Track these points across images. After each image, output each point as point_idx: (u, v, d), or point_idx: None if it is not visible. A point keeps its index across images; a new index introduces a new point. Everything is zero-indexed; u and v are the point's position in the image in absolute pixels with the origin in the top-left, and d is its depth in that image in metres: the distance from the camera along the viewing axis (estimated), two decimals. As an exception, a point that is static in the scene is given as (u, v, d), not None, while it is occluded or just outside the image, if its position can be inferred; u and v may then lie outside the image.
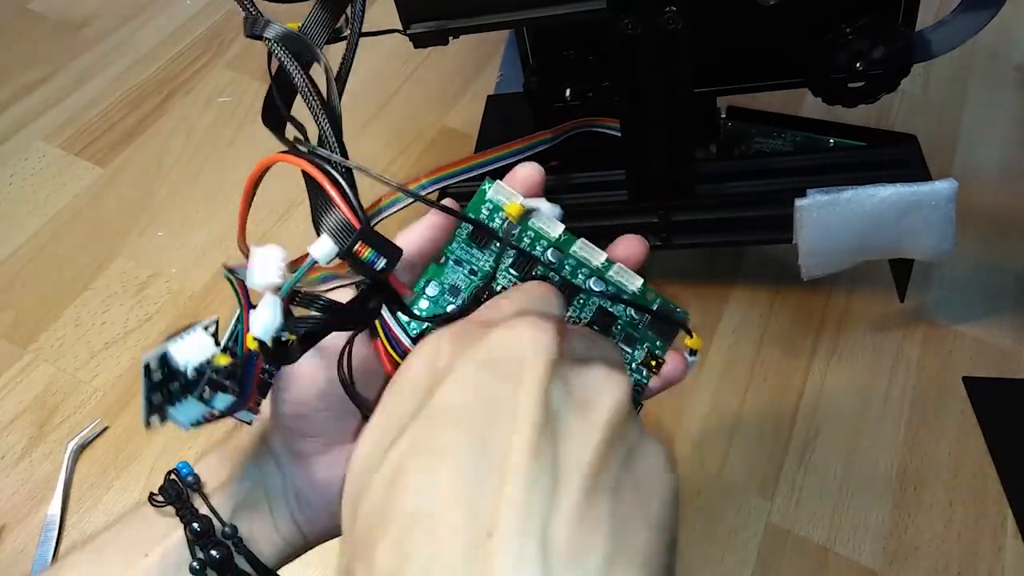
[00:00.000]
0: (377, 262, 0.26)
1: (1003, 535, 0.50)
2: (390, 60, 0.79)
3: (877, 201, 0.48)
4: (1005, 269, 0.61)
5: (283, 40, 0.28)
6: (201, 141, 0.74)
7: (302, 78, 0.28)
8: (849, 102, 0.51)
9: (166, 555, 0.29)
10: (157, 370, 0.25)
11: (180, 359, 0.25)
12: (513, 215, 0.30)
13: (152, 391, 0.25)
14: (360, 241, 0.26)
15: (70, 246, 0.67)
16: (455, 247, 0.30)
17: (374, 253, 0.26)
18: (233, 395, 0.25)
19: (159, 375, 0.25)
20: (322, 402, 0.30)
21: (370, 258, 0.26)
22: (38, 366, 0.60)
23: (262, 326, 0.25)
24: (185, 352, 0.25)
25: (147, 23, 0.84)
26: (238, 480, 0.31)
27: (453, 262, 0.30)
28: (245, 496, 0.31)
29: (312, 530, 0.32)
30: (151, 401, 0.25)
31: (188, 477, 0.31)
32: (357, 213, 0.26)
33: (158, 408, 0.25)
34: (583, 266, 0.30)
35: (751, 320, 0.60)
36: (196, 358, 0.25)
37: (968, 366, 0.57)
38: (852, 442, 0.54)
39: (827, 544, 0.50)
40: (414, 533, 0.20)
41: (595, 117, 0.53)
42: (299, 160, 0.26)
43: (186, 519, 0.30)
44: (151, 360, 0.25)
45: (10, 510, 0.53)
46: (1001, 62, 0.74)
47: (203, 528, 0.29)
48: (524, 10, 0.43)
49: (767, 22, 0.49)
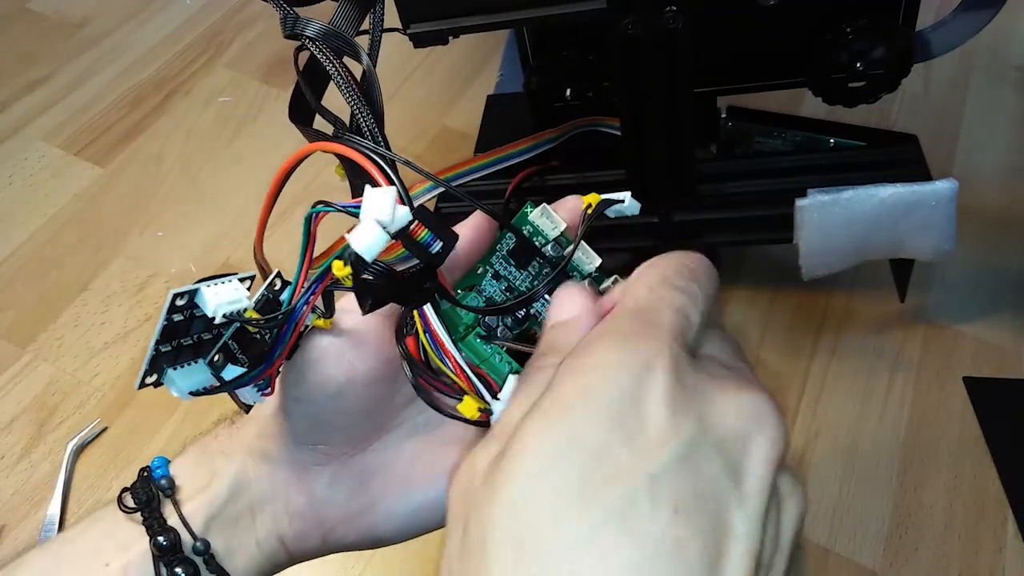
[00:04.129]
0: (433, 244, 0.25)
1: (1003, 535, 0.50)
2: (390, 60, 0.79)
3: (877, 201, 0.48)
4: (1005, 269, 0.61)
5: (323, 38, 0.28)
6: (201, 141, 0.73)
7: (344, 75, 0.27)
8: (849, 102, 0.51)
9: (128, 568, 0.27)
10: (180, 311, 0.24)
11: (211, 302, 0.24)
12: (592, 203, 0.28)
13: (164, 338, 0.24)
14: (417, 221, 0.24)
15: (69, 246, 0.67)
16: (495, 261, 0.29)
17: (430, 235, 0.25)
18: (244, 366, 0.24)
19: (180, 317, 0.24)
20: (337, 402, 0.28)
21: (426, 239, 0.25)
22: (37, 366, 0.60)
23: (365, 244, 0.23)
24: (218, 296, 0.24)
25: (146, 23, 0.84)
26: (218, 487, 0.29)
27: (492, 276, 0.29)
28: (224, 506, 0.29)
29: (299, 547, 0.30)
30: (157, 350, 0.24)
31: (161, 480, 0.28)
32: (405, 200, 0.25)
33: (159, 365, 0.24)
34: None
35: (751, 320, 0.60)
36: (228, 305, 0.24)
37: (968, 366, 0.57)
38: (852, 442, 0.54)
39: (827, 544, 0.50)
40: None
41: (596, 117, 0.53)
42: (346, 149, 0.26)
43: (152, 530, 0.27)
44: (179, 294, 0.24)
45: (10, 510, 0.53)
46: (1001, 62, 0.74)
47: (169, 542, 0.27)
48: (524, 10, 0.43)
49: (767, 22, 0.49)
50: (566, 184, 0.53)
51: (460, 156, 0.52)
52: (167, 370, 0.24)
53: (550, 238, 0.29)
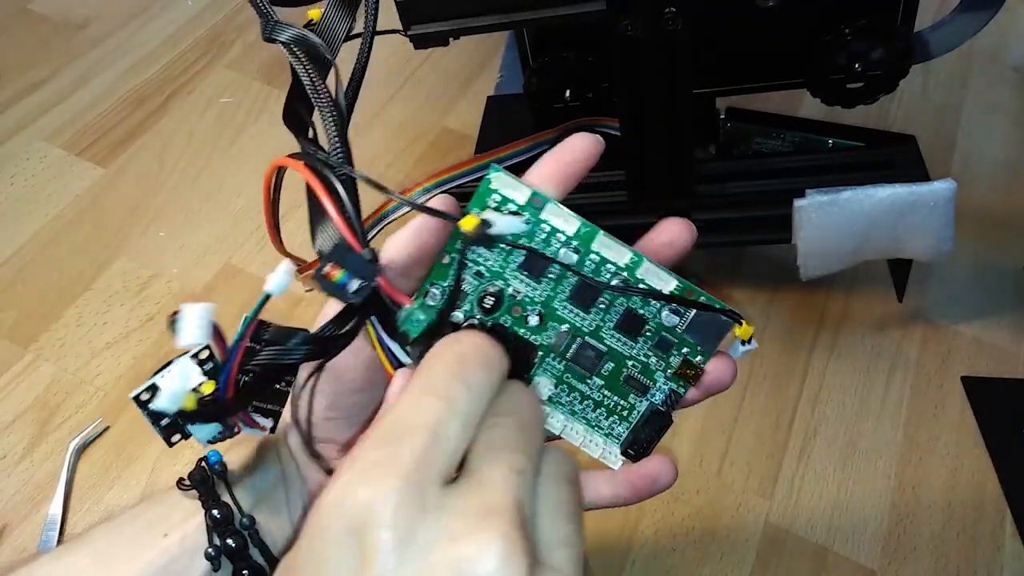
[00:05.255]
0: (349, 284, 0.24)
1: (1002, 535, 0.50)
2: (390, 61, 0.79)
3: (876, 201, 0.48)
4: (1004, 269, 0.61)
5: (296, 42, 0.28)
6: (202, 141, 0.74)
7: (311, 80, 0.27)
8: (848, 103, 0.51)
9: (185, 538, 0.30)
10: (148, 400, 0.25)
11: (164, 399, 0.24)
12: (467, 229, 0.25)
13: (155, 421, 0.26)
14: (331, 263, 0.23)
15: (71, 246, 0.67)
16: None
17: (346, 275, 0.24)
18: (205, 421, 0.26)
19: (155, 408, 0.25)
20: (331, 411, 0.31)
21: (342, 280, 0.24)
22: (39, 366, 0.60)
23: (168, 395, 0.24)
24: (169, 387, 0.25)
25: (148, 23, 0.84)
26: (261, 474, 0.32)
27: (457, 264, 0.27)
28: (266, 491, 0.32)
29: None
30: (160, 427, 0.26)
31: (216, 464, 0.31)
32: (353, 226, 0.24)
33: (169, 430, 0.26)
34: (607, 263, 0.28)
35: (750, 320, 0.60)
36: (177, 397, 0.24)
37: (967, 366, 0.57)
38: (851, 442, 0.54)
39: (826, 544, 0.50)
40: None
41: (595, 117, 0.54)
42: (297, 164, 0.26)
43: (208, 505, 0.30)
44: (141, 393, 0.25)
45: (11, 510, 0.53)
46: (1000, 62, 0.74)
47: (223, 516, 0.30)
48: (524, 11, 0.43)
49: (766, 23, 0.49)
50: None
51: (460, 157, 0.52)
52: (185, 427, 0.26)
53: (519, 204, 0.27)
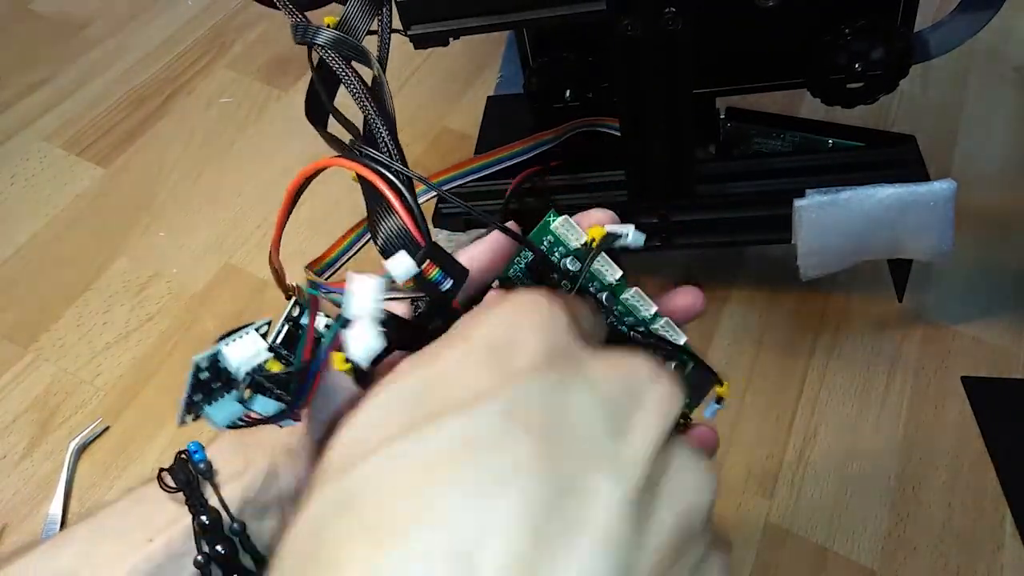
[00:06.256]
0: (444, 282, 0.25)
1: (1002, 534, 0.50)
2: (390, 61, 0.79)
3: (875, 201, 0.48)
4: (1004, 269, 0.61)
5: (335, 45, 0.28)
6: (202, 142, 0.74)
7: (358, 84, 0.28)
8: (848, 103, 0.51)
9: (171, 544, 0.29)
10: (206, 370, 0.25)
11: (233, 360, 0.25)
12: (596, 237, 0.27)
13: (195, 391, 0.25)
14: (428, 260, 0.25)
15: (71, 246, 0.67)
16: (512, 275, 0.29)
17: (441, 273, 0.25)
18: (280, 401, 0.25)
19: (206, 375, 0.25)
20: None
21: (437, 278, 0.25)
22: (39, 366, 0.60)
23: (364, 350, 0.24)
24: (238, 353, 0.25)
25: (148, 23, 0.84)
26: (252, 476, 0.31)
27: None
28: (256, 493, 0.30)
29: None
30: (191, 399, 0.25)
31: (200, 464, 0.30)
32: (421, 228, 0.25)
33: (195, 406, 0.25)
34: (630, 314, 0.29)
35: (750, 320, 0.60)
36: (249, 361, 0.25)
37: (966, 366, 0.57)
38: (851, 442, 0.54)
39: (826, 544, 0.50)
40: None
41: (595, 117, 0.54)
42: (360, 167, 0.26)
43: (195, 510, 0.29)
44: (202, 360, 0.25)
45: (11, 510, 0.53)
46: (1001, 62, 0.74)
47: (211, 521, 0.29)
48: (524, 11, 0.43)
49: (766, 23, 0.49)
50: (566, 184, 0.53)
51: (460, 157, 0.52)
52: (203, 406, 0.26)
53: (571, 248, 0.28)
